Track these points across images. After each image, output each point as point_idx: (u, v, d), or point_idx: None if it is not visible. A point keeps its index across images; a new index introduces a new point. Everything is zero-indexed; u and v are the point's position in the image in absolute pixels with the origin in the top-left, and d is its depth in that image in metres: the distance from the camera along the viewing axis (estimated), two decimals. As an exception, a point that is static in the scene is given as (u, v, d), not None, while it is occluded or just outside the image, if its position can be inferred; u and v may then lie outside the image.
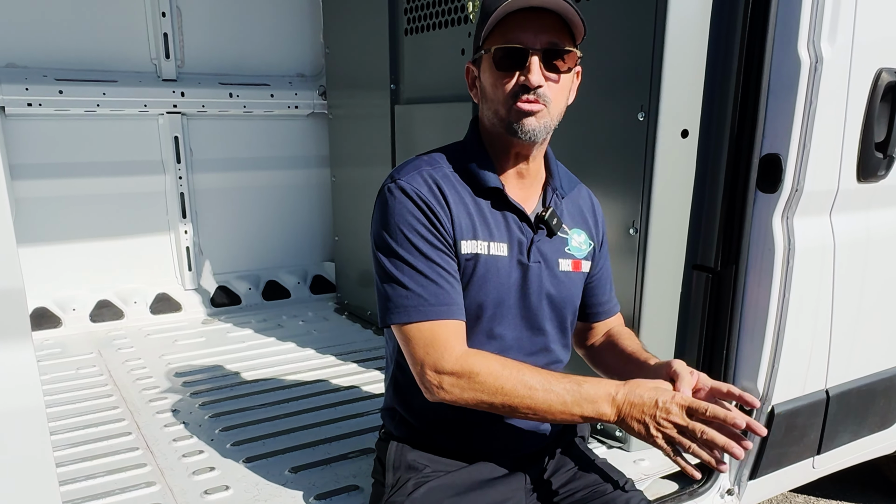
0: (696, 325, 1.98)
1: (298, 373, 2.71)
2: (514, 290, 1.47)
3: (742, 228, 1.86)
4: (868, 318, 2.12)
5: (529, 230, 1.47)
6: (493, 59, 1.36)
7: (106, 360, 2.85)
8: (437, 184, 1.41)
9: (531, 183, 1.51)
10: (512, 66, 1.35)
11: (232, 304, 3.59)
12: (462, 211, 1.42)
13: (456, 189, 1.44)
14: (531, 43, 1.33)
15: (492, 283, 1.44)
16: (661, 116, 1.83)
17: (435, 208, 1.38)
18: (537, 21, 1.33)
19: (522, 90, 1.34)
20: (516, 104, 1.35)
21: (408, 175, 1.42)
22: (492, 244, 1.44)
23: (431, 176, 1.43)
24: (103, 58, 3.23)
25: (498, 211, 1.46)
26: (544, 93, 1.35)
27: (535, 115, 1.35)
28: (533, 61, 1.33)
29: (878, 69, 1.88)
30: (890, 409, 2.29)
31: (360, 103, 3.30)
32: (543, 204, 1.51)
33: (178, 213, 3.47)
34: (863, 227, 2.02)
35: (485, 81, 1.41)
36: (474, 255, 1.42)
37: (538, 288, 1.48)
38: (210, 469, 1.96)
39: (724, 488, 2.03)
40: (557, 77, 1.36)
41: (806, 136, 1.80)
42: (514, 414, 1.35)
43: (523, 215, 1.47)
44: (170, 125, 3.39)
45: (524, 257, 1.47)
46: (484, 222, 1.44)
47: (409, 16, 2.84)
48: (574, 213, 1.57)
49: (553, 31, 1.34)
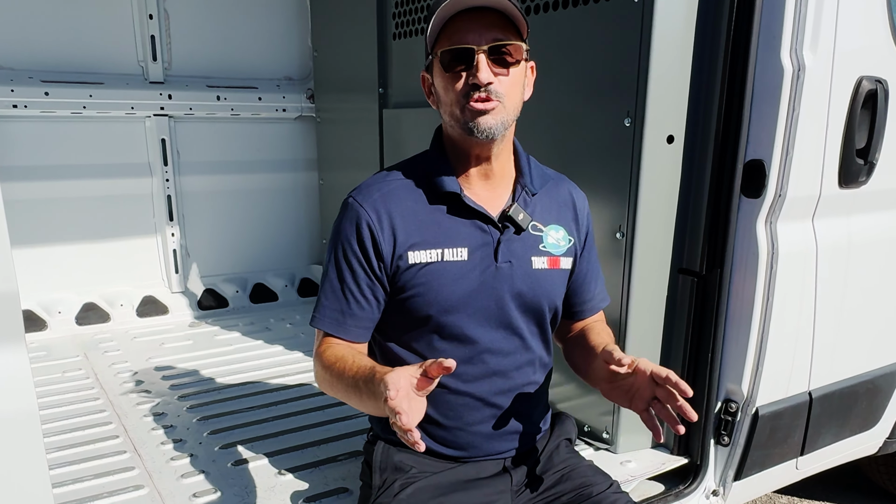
0: (681, 328, 2.01)
1: (287, 375, 2.71)
2: (480, 293, 1.47)
3: (727, 233, 1.89)
4: (849, 322, 2.15)
5: (496, 230, 1.49)
6: (442, 62, 1.40)
7: (92, 363, 2.84)
8: (385, 201, 1.46)
9: (499, 182, 1.52)
10: (460, 66, 1.38)
11: (219, 306, 3.58)
12: (412, 223, 1.46)
13: (409, 201, 1.47)
14: (476, 42, 1.36)
15: (448, 288, 1.45)
16: (647, 122, 1.85)
17: (374, 230, 1.44)
18: (480, 20, 1.36)
19: (473, 88, 1.36)
20: (469, 104, 1.37)
21: (362, 194, 1.49)
22: (446, 251, 1.46)
23: (382, 193, 1.48)
24: (90, 60, 3.22)
25: (457, 215, 1.48)
26: (496, 89, 1.37)
27: (489, 113, 1.37)
28: (480, 59, 1.35)
29: (859, 77, 1.91)
30: (871, 410, 2.33)
31: (349, 107, 3.31)
32: (512, 202, 1.52)
33: (165, 215, 3.46)
34: (844, 233, 2.06)
35: (438, 86, 1.44)
36: (424, 264, 1.45)
37: (509, 287, 1.49)
38: (199, 472, 1.96)
39: (710, 489, 2.05)
40: (507, 71, 1.39)
41: (789, 143, 1.83)
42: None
43: (485, 217, 1.48)
44: (157, 128, 3.37)
45: (491, 259, 1.48)
46: (439, 230, 1.46)
47: (397, 20, 2.85)
48: (550, 209, 1.57)
49: (497, 27, 1.37)
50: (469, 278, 1.46)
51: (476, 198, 1.49)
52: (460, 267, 1.46)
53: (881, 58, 1.97)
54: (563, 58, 2.05)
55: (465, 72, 1.37)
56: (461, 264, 1.46)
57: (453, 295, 1.46)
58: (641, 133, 1.86)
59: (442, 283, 1.45)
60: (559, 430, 1.67)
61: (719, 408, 2.02)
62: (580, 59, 2.00)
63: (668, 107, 1.87)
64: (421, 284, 1.45)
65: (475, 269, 1.47)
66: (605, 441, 2.11)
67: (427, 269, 1.45)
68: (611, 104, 1.93)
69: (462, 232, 1.47)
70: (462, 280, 1.46)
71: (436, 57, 1.41)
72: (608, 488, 1.50)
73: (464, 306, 1.47)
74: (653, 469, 2.01)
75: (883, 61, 1.97)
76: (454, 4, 1.35)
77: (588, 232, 1.65)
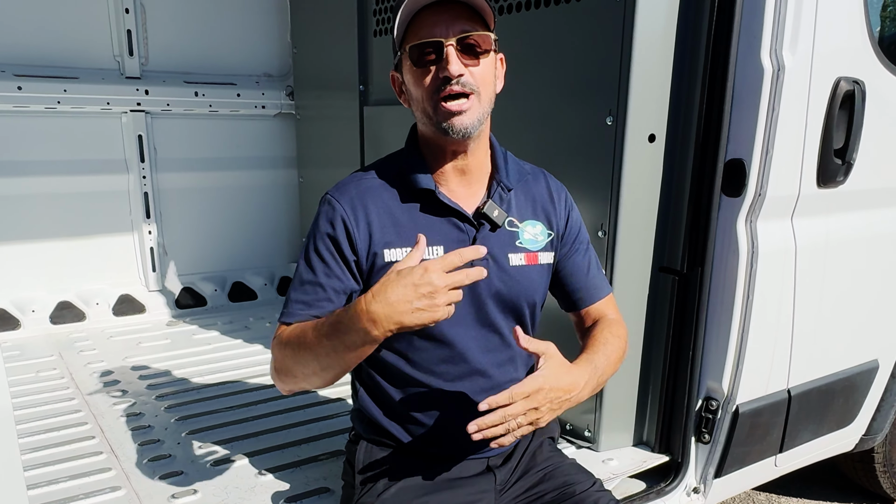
0: (662, 326, 2.02)
1: (266, 375, 2.68)
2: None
3: (707, 232, 1.90)
4: (827, 320, 2.18)
5: (472, 228, 1.48)
6: (411, 58, 1.37)
7: (67, 362, 2.79)
8: (361, 198, 1.46)
9: (476, 179, 1.50)
10: (430, 61, 1.36)
11: (197, 305, 3.54)
12: (387, 221, 1.45)
13: (383, 200, 1.46)
14: (444, 35, 1.34)
15: None
16: (629, 121, 1.86)
17: (349, 226, 1.43)
18: (446, 13, 1.34)
19: (444, 82, 1.34)
20: (442, 103, 1.35)
21: (339, 191, 1.48)
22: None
23: (359, 190, 1.47)
24: (64, 54, 3.17)
25: (432, 213, 1.47)
26: (468, 81, 1.35)
27: (464, 114, 1.35)
28: (449, 51, 1.33)
29: (837, 78, 1.93)
30: (848, 407, 2.36)
31: (329, 104, 3.29)
32: (488, 198, 1.50)
33: (142, 212, 3.42)
34: (822, 232, 2.08)
35: (408, 83, 1.42)
36: (398, 262, 1.42)
37: (486, 285, 1.48)
38: (177, 473, 1.93)
39: (691, 486, 2.07)
40: (477, 61, 1.37)
41: (769, 142, 1.85)
42: (310, 380, 1.43)
43: (461, 215, 1.47)
44: (133, 123, 3.33)
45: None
46: (414, 228, 1.45)
47: (378, 17, 2.84)
48: (527, 204, 1.55)
49: (463, 19, 1.35)
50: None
51: (452, 195, 1.48)
52: None
53: (858, 59, 1.99)
54: (545, 56, 2.05)
55: (434, 66, 1.35)
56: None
57: None
58: (623, 132, 1.87)
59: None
60: (542, 428, 1.66)
61: (700, 406, 2.03)
62: (562, 57, 2.00)
63: (649, 106, 1.88)
64: None
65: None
66: (587, 439, 2.12)
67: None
68: (593, 103, 1.93)
69: (437, 230, 1.46)
70: None
71: (404, 53, 1.39)
72: (591, 486, 1.50)
73: None
74: (634, 467, 2.02)
75: (860, 63, 1.99)
76: (420, 1, 1.33)
77: (570, 220, 1.61)
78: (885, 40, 2.14)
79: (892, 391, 2.48)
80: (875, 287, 2.31)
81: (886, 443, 2.66)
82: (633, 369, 2.06)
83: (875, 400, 2.45)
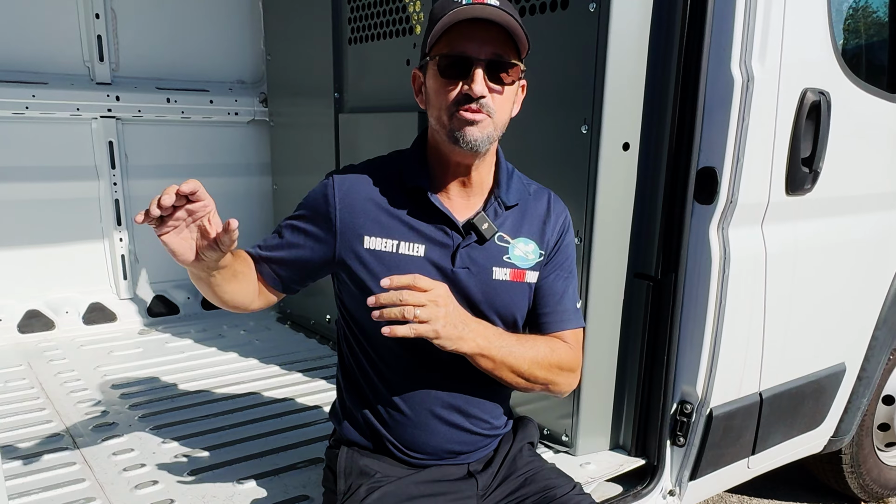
0: (637, 331, 2.05)
1: (242, 383, 2.66)
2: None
3: (681, 238, 1.94)
4: (796, 324, 2.23)
5: (458, 235, 1.49)
6: (438, 66, 1.38)
7: (37, 372, 2.74)
8: (359, 183, 1.51)
9: (476, 192, 1.52)
10: (456, 74, 1.37)
11: (170, 313, 3.50)
12: (376, 211, 1.49)
13: (377, 192, 1.51)
14: (476, 53, 1.35)
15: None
16: (604, 130, 1.89)
17: (336, 200, 1.49)
18: (483, 32, 1.35)
19: (465, 99, 1.36)
20: (459, 112, 1.37)
21: (340, 173, 1.55)
22: (402, 243, 1.48)
23: (357, 178, 1.53)
24: (33, 59, 3.11)
25: (422, 213, 1.49)
26: (487, 103, 1.36)
27: (477, 125, 1.37)
28: (477, 72, 1.35)
29: (804, 89, 1.99)
30: (817, 410, 2.42)
31: (304, 111, 3.28)
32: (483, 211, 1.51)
33: (113, 219, 3.37)
34: (791, 238, 2.13)
35: (430, 88, 1.44)
36: (378, 251, 1.48)
37: (464, 294, 1.49)
38: (153, 482, 1.91)
39: (667, 489, 2.10)
40: (501, 89, 1.39)
41: (739, 151, 1.89)
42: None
43: (449, 221, 1.48)
44: (104, 130, 3.28)
45: (447, 261, 1.48)
46: (400, 223, 1.48)
47: (353, 25, 2.85)
48: (523, 221, 1.56)
49: (498, 43, 1.37)
50: (422, 274, 1.43)
51: (448, 202, 1.49)
52: (414, 262, 1.47)
53: (824, 71, 2.05)
54: (522, 65, 2.07)
55: (460, 80, 1.37)
56: (416, 259, 1.47)
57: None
58: (598, 140, 1.90)
59: (395, 273, 1.41)
60: (521, 433, 1.68)
61: (675, 409, 2.07)
62: (539, 68, 2.02)
63: (623, 115, 1.92)
64: (372, 270, 1.47)
65: (430, 269, 1.47)
66: (565, 444, 2.14)
67: (381, 256, 1.47)
68: (568, 112, 1.96)
69: (422, 229, 1.48)
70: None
71: (433, 60, 1.40)
72: (571, 490, 1.52)
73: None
74: (611, 471, 2.05)
75: (825, 74, 2.06)
76: (462, 12, 1.33)
77: (560, 244, 1.60)
78: (848, 53, 2.21)
79: (858, 393, 2.55)
80: (841, 292, 2.37)
81: (854, 444, 2.73)
82: (608, 374, 2.09)
83: (842, 402, 2.52)
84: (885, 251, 2.50)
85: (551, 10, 1.97)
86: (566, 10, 1.93)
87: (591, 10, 1.85)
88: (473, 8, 1.33)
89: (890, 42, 2.39)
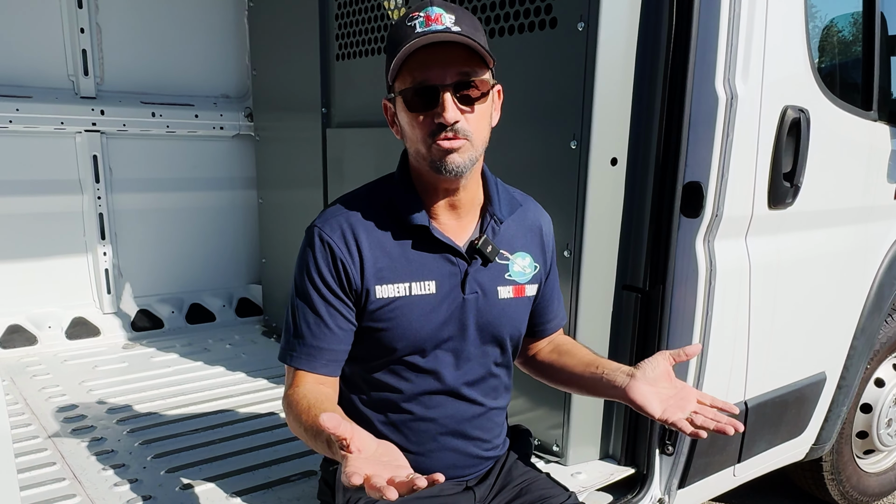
0: (626, 341, 2.09)
1: (231, 396, 2.66)
2: (449, 324, 1.47)
3: (668, 251, 1.98)
4: (779, 334, 2.28)
5: (464, 262, 1.47)
6: (405, 99, 1.33)
7: (20, 387, 2.71)
8: (353, 231, 1.42)
9: (467, 211, 1.48)
10: (425, 104, 1.31)
11: (154, 327, 3.48)
12: (380, 255, 1.42)
13: (375, 232, 1.43)
14: (440, 79, 1.29)
15: (417, 324, 1.44)
16: (592, 145, 1.93)
17: (345, 262, 1.41)
18: (443, 55, 1.29)
19: (440, 128, 1.31)
20: (436, 143, 1.32)
21: (329, 224, 1.44)
22: (414, 284, 1.43)
23: (350, 223, 1.43)
24: (17, 72, 3.10)
25: (425, 247, 1.44)
26: (462, 127, 1.31)
27: (457, 152, 1.32)
28: (445, 98, 1.29)
29: (784, 106, 2.05)
30: (799, 418, 2.47)
31: (291, 126, 3.30)
32: (481, 232, 1.48)
33: (97, 234, 3.35)
34: (774, 250, 2.19)
35: (401, 121, 1.38)
36: (391, 299, 1.42)
37: (475, 318, 1.49)
38: (145, 497, 1.90)
39: (656, 497, 2.13)
40: (472, 108, 1.33)
41: (724, 166, 1.94)
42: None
43: (453, 249, 1.45)
44: (88, 144, 3.27)
45: (458, 290, 1.46)
46: (406, 263, 1.43)
47: (340, 41, 2.87)
48: (517, 235, 1.55)
49: (460, 62, 1.30)
50: (438, 311, 1.45)
51: (443, 228, 1.46)
52: (429, 301, 1.44)
53: (803, 89, 2.12)
54: (512, 83, 2.10)
55: (430, 109, 1.31)
56: (429, 298, 1.44)
57: (422, 330, 1.45)
58: (587, 155, 1.94)
59: (410, 318, 1.43)
60: (516, 444, 1.70)
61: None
62: (529, 84, 2.07)
63: (611, 131, 1.96)
64: (389, 320, 1.43)
65: (443, 302, 1.46)
66: (556, 454, 2.16)
67: (395, 305, 1.43)
68: (558, 128, 2.00)
69: (430, 265, 1.45)
70: (431, 314, 1.45)
71: (398, 95, 1.35)
72: (567, 500, 1.54)
73: (431, 339, 1.46)
74: (602, 480, 2.07)
75: (804, 92, 2.12)
76: (417, 42, 1.27)
77: (552, 256, 1.63)
78: (824, 71, 2.28)
79: (838, 402, 2.60)
80: (821, 302, 2.43)
81: (834, 452, 2.78)
82: (598, 385, 2.12)
83: (823, 410, 2.57)
84: (862, 262, 2.57)
85: (540, 29, 2.01)
86: (555, 28, 1.97)
87: (580, 29, 1.90)
88: (427, 36, 1.27)
89: (863, 61, 2.47)
